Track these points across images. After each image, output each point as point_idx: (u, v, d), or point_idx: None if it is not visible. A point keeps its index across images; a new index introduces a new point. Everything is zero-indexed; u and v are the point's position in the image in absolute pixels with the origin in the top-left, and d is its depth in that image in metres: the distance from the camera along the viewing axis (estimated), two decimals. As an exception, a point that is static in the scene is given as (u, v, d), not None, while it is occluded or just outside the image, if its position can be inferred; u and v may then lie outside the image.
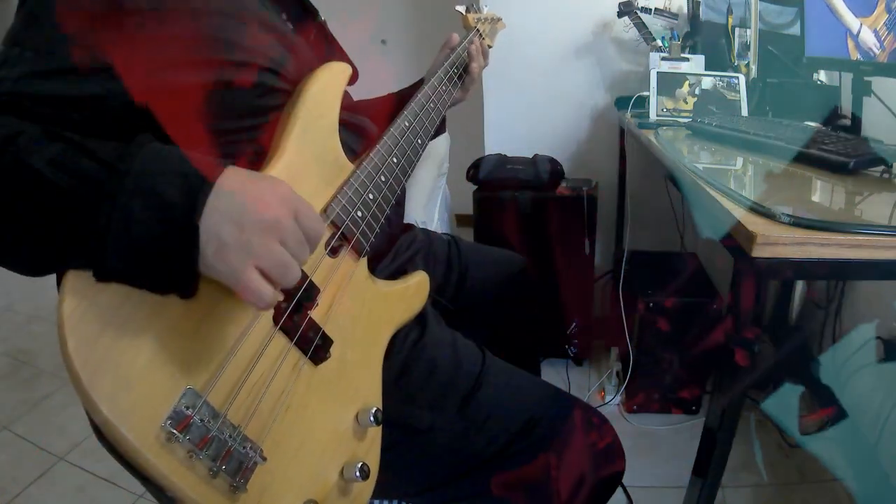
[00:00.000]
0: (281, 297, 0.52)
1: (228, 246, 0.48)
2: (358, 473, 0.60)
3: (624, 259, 1.78)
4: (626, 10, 1.78)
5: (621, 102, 1.77)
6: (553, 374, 1.93)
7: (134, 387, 0.46)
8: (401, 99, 0.94)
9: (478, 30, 1.07)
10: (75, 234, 0.45)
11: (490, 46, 1.09)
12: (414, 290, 0.78)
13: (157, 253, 0.46)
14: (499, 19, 1.19)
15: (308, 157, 0.64)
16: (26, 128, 0.48)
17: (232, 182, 0.49)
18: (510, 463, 0.75)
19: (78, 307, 0.45)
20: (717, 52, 1.65)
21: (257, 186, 0.51)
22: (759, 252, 0.64)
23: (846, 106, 1.34)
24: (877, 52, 1.13)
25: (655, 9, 1.79)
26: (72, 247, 0.46)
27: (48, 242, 0.47)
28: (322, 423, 0.60)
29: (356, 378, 0.65)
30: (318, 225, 0.54)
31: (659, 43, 1.73)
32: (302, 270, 0.53)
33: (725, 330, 0.72)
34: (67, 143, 0.48)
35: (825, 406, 1.43)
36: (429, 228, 1.14)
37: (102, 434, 0.46)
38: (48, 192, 0.46)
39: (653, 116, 1.45)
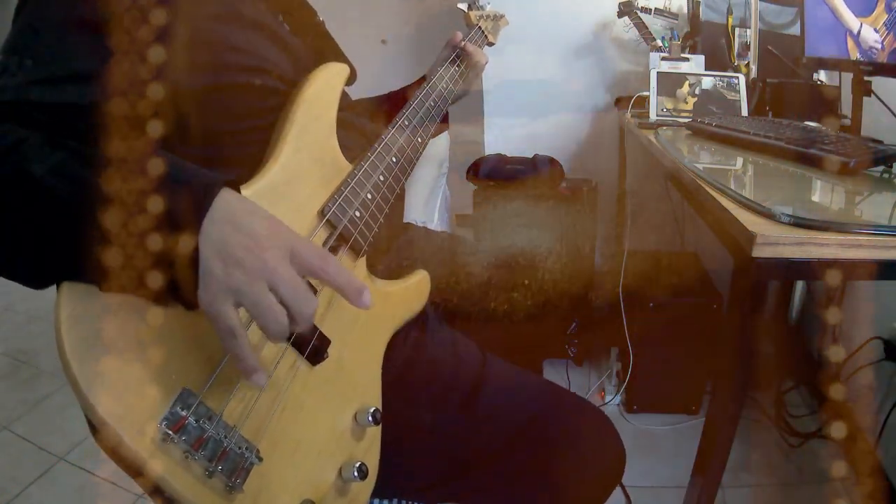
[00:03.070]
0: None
1: (214, 278, 0.47)
2: (356, 473, 0.60)
3: (624, 259, 1.78)
4: (626, 10, 1.77)
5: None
6: (553, 374, 1.92)
7: (130, 388, 0.46)
8: (401, 97, 0.94)
9: (480, 27, 1.07)
10: (77, 245, 0.45)
11: (493, 43, 1.09)
12: (414, 289, 0.78)
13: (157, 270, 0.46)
14: (501, 16, 1.18)
15: (305, 158, 0.64)
16: (29, 136, 0.48)
17: (224, 213, 0.48)
18: (511, 461, 0.75)
19: (75, 309, 0.45)
20: (717, 52, 1.65)
21: (250, 223, 0.49)
22: (759, 252, 0.64)
23: (846, 106, 1.33)
24: (877, 51, 1.13)
25: (655, 9, 1.78)
26: (74, 258, 0.45)
27: (50, 253, 0.47)
28: (319, 423, 0.60)
29: (354, 378, 0.65)
30: (318, 258, 0.51)
31: (659, 43, 1.73)
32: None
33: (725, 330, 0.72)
34: (69, 151, 0.48)
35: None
36: (428, 227, 1.13)
37: (100, 435, 0.46)
38: (49, 201, 0.46)
39: (653, 116, 1.45)
